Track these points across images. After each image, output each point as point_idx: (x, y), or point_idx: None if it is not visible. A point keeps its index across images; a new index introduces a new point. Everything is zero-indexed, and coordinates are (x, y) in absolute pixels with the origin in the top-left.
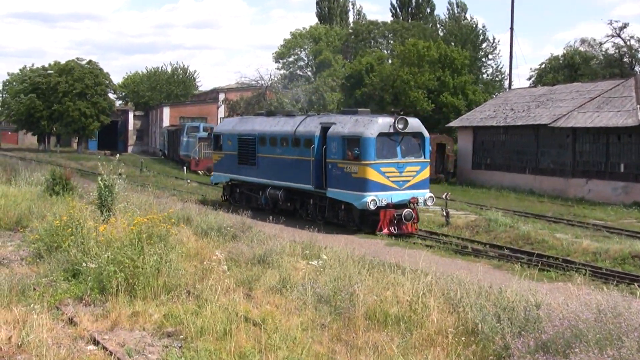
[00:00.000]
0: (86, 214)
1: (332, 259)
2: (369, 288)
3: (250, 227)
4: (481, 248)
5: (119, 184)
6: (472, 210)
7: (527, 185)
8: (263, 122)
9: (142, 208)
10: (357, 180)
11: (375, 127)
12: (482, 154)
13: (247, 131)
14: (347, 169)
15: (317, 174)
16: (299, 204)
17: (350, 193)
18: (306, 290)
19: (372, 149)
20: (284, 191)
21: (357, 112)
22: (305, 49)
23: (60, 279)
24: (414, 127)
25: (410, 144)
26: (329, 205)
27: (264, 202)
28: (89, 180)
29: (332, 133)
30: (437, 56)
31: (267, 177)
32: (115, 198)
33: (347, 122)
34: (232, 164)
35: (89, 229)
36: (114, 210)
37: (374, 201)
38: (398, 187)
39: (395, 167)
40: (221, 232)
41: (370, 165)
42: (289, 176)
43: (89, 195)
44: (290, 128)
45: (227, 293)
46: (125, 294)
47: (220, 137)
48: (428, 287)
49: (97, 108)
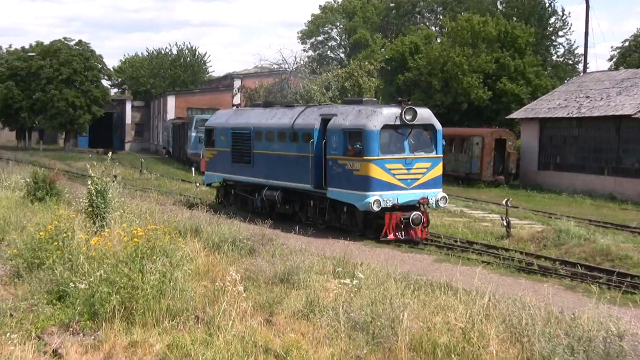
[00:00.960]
0: (75, 225)
1: (370, 278)
2: (414, 313)
3: (271, 240)
4: (550, 265)
5: (113, 189)
6: (538, 219)
7: (605, 189)
8: (259, 114)
9: (142, 217)
10: (359, 179)
11: (380, 118)
12: (550, 152)
13: (242, 125)
14: (349, 166)
15: (316, 172)
16: (298, 206)
17: (351, 193)
18: (338, 315)
19: (376, 143)
20: (282, 192)
21: (362, 102)
22: (338, 26)
23: (43, 303)
24: (424, 118)
25: (420, 137)
26: (330, 206)
27: (260, 204)
28: (79, 183)
29: (333, 126)
30: (495, 34)
31: (263, 176)
32: (109, 205)
33: (349, 114)
34: (225, 162)
35: (78, 242)
36: (108, 219)
37: (378, 202)
38: (406, 185)
39: (403, 163)
40: (236, 246)
41: (374, 161)
42: (287, 175)
43: (78, 202)
44: (288, 121)
45: (243, 319)
46: (122, 320)
47: (213, 132)
48: (485, 312)
49: (88, 98)
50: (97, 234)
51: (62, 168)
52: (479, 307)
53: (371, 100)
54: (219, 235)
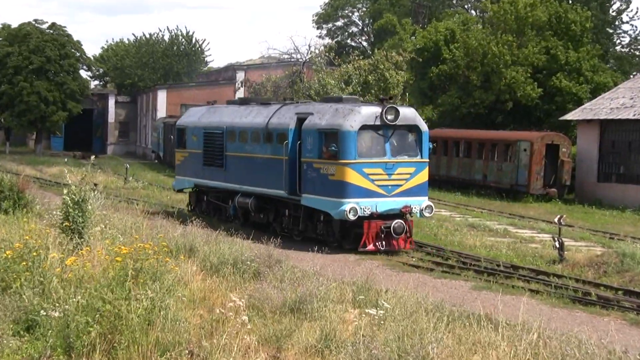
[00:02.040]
0: (48, 241)
1: (396, 308)
2: (447, 350)
3: (279, 261)
4: (611, 295)
5: (93, 199)
6: (597, 240)
7: None
8: (233, 112)
9: (127, 233)
10: (334, 184)
11: (357, 118)
12: (612, 160)
13: (214, 124)
14: (324, 170)
15: (291, 177)
16: (272, 215)
17: (326, 200)
18: (359, 351)
19: (353, 144)
20: (255, 199)
21: (342, 99)
22: (360, 9)
23: (9, 334)
24: (408, 118)
25: (403, 139)
26: (305, 215)
27: (233, 212)
28: (52, 193)
29: (308, 126)
30: (545, 19)
31: (236, 181)
32: (88, 219)
33: (325, 113)
34: (196, 166)
35: (51, 262)
36: (86, 236)
37: (354, 210)
38: (386, 192)
39: (383, 168)
40: (238, 268)
41: (350, 165)
42: (260, 180)
43: (51, 215)
44: (262, 120)
45: (246, 355)
46: (102, 355)
47: (184, 131)
48: (533, 351)
49: (64, 91)
50: (74, 253)
51: (33, 174)
52: (526, 345)
53: (352, 98)
54: (217, 256)
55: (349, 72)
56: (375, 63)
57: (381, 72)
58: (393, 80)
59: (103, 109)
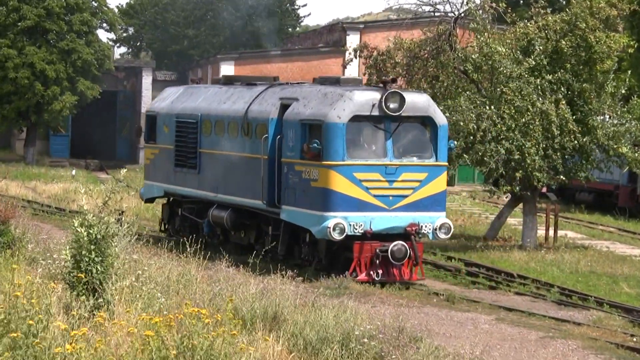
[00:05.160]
0: (50, 302)
1: None
2: None
3: (415, 339)
4: None
5: (120, 236)
6: None
7: None
8: (212, 95)
9: (172, 290)
10: (317, 193)
11: (348, 106)
12: None
13: (188, 110)
14: (306, 174)
15: (270, 183)
16: (254, 234)
17: (307, 213)
18: None
19: (340, 141)
20: (232, 212)
21: (339, 81)
22: None
23: None
24: (418, 107)
25: (411, 136)
26: (286, 231)
27: (207, 230)
28: (52, 224)
29: (290, 116)
30: None
31: (210, 188)
32: (110, 265)
33: (312, 98)
34: (167, 167)
35: (54, 336)
36: (109, 294)
37: (340, 227)
38: (386, 205)
39: (382, 172)
40: (349, 349)
41: (336, 167)
42: (237, 187)
43: (52, 260)
44: (242, 106)
45: None
46: None
47: (155, 120)
48: None
49: (72, 63)
50: (88, 322)
51: (22, 195)
52: None
53: (352, 79)
54: (317, 329)
55: (530, 35)
56: (572, 20)
57: (581, 34)
58: (601, 47)
59: (133, 92)
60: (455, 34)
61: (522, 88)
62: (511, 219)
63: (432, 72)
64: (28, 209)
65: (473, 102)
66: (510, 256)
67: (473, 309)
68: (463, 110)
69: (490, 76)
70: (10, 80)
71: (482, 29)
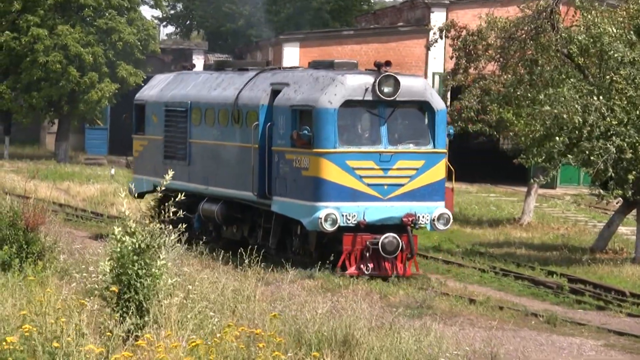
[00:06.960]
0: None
1: None
2: None
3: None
4: None
5: (168, 246)
6: None
7: None
8: (203, 81)
9: (227, 309)
10: (308, 182)
11: (339, 90)
12: None
13: (178, 98)
14: (296, 163)
15: (261, 173)
16: (247, 228)
17: (297, 204)
18: None
19: (331, 127)
20: (223, 205)
21: (333, 64)
22: None
23: None
24: (415, 91)
25: (407, 121)
26: (278, 224)
27: (197, 225)
28: (87, 232)
29: (280, 101)
30: None
31: (201, 180)
32: (158, 280)
33: (303, 83)
34: (157, 158)
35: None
36: (153, 313)
37: (332, 218)
38: (380, 195)
39: (376, 160)
40: None
41: (327, 155)
42: (228, 178)
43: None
44: (232, 92)
45: None
46: None
47: (144, 110)
48: None
49: (113, 45)
50: (127, 345)
51: (52, 198)
52: None
53: (346, 63)
54: (395, 355)
55: None
56: None
57: None
58: None
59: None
60: (558, 11)
61: (635, 75)
62: (623, 227)
63: (531, 55)
64: (60, 214)
65: (578, 91)
66: (621, 271)
67: (578, 333)
68: (567, 100)
69: (599, 61)
70: (40, 66)
71: (588, 7)
